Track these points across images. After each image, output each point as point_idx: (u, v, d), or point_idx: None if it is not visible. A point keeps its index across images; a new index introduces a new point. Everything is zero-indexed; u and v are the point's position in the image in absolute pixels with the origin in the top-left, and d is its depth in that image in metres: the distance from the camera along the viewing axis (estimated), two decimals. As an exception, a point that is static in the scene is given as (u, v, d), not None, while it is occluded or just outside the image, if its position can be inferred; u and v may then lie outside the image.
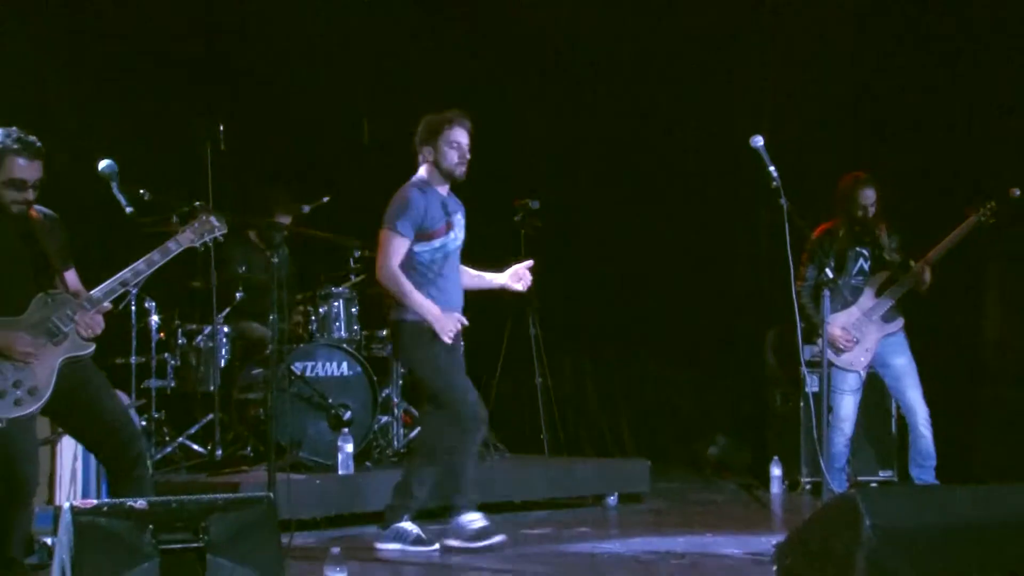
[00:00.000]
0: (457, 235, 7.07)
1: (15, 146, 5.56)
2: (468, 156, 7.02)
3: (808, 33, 10.23)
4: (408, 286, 6.84)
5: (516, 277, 7.26)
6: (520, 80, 10.53)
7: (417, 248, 6.91)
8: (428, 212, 6.93)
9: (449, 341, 6.85)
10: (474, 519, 6.88)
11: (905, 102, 9.85)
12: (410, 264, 6.90)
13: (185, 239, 5.92)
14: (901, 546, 5.17)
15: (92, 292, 5.71)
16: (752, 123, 7.33)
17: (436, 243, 6.95)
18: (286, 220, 8.92)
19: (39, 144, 5.63)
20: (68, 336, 5.61)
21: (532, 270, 9.16)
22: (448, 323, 6.83)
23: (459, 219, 7.12)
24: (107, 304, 5.73)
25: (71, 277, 5.80)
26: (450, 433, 6.90)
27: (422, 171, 7.07)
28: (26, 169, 5.57)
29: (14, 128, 5.63)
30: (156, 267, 5.85)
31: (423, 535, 6.89)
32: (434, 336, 6.85)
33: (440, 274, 6.98)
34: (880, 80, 9.93)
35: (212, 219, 6.02)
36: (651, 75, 10.46)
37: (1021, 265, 9.54)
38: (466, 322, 6.96)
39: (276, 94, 10.22)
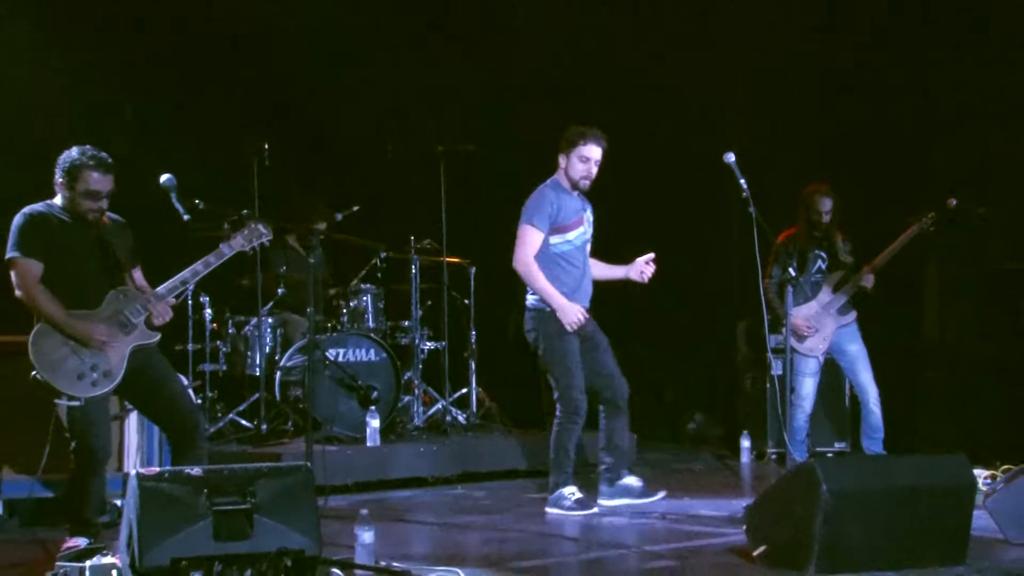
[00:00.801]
0: (587, 230, 6.99)
1: (91, 162, 5.60)
2: (595, 171, 6.90)
3: (774, 61, 10.22)
4: (539, 276, 6.80)
5: (637, 271, 7.09)
6: (521, 104, 10.54)
7: (553, 240, 6.85)
8: (562, 209, 6.85)
9: (571, 329, 6.77)
10: (571, 491, 6.87)
11: (859, 123, 9.85)
12: (546, 255, 6.85)
13: (236, 244, 5.95)
14: (852, 507, 5.21)
15: (158, 288, 5.75)
16: (725, 141, 7.34)
17: (570, 236, 6.89)
18: (321, 227, 8.96)
19: (110, 160, 5.67)
20: (137, 327, 5.65)
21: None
22: (571, 313, 6.76)
23: (589, 216, 7.02)
24: (171, 299, 5.78)
25: (137, 275, 5.83)
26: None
27: (557, 174, 6.97)
28: (100, 181, 5.61)
29: (88, 147, 5.66)
30: (212, 268, 5.90)
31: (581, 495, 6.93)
32: (554, 326, 6.80)
33: (572, 264, 6.91)
34: (837, 104, 9.93)
35: (260, 227, 6.04)
36: (638, 100, 10.46)
37: (955, 267, 9.58)
38: (587, 314, 6.85)
39: (313, 118, 10.25)
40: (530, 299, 6.97)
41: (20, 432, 6.44)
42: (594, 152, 6.87)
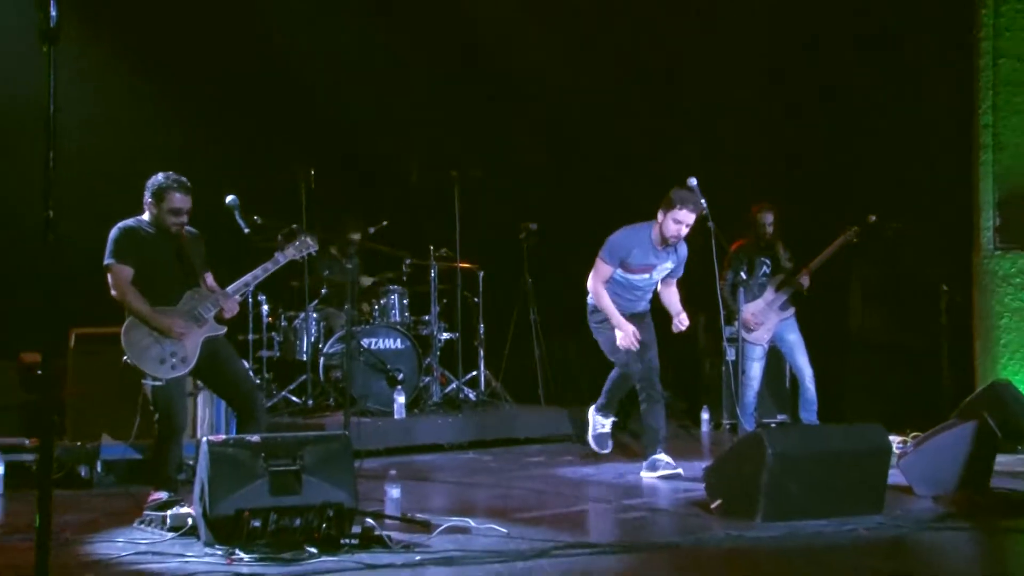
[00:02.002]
0: (652, 277, 6.72)
1: (174, 185, 5.61)
2: (685, 232, 6.55)
3: (729, 105, 10.24)
4: (605, 300, 6.64)
5: (679, 320, 6.77)
6: (519, 139, 10.55)
7: (619, 273, 6.68)
8: (634, 253, 6.61)
9: (622, 345, 6.60)
10: (662, 458, 6.71)
11: (797, 152, 9.89)
12: (613, 279, 6.70)
13: (289, 254, 5.95)
14: (792, 467, 5.24)
15: (226, 288, 5.77)
16: (688, 167, 7.37)
17: (633, 277, 6.68)
18: (357, 238, 8.96)
19: (189, 183, 5.69)
20: (208, 321, 5.66)
21: (531, 272, 9.23)
22: (626, 329, 6.59)
23: (665, 266, 6.71)
24: (237, 297, 5.79)
25: (209, 278, 5.83)
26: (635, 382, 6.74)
27: (654, 224, 6.65)
28: (182, 201, 5.62)
29: (171, 172, 5.68)
30: (269, 273, 5.92)
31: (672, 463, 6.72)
32: (604, 321, 6.68)
33: (629, 291, 6.72)
34: (779, 139, 9.95)
35: (308, 239, 6.05)
36: (617, 137, 10.47)
37: (874, 271, 9.62)
38: (638, 340, 6.62)
39: (351, 148, 10.26)
40: (589, 298, 6.83)
41: (116, 406, 6.46)
42: (688, 218, 6.51)
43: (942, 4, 9.11)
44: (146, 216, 5.70)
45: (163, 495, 5.48)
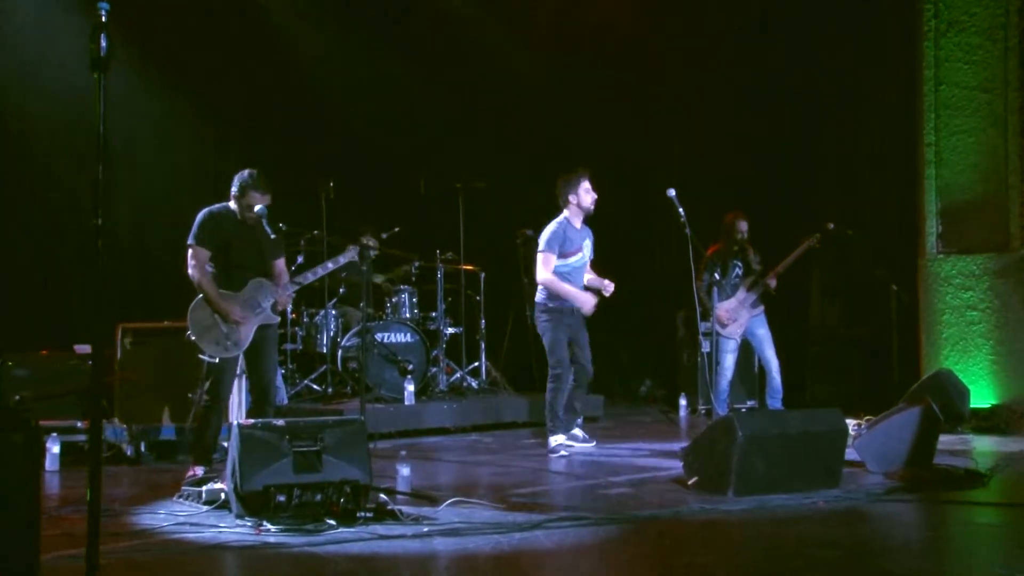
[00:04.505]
0: (584, 256, 6.87)
1: (253, 183, 5.60)
2: (595, 195, 6.82)
3: (705, 122, 10.27)
4: (560, 283, 6.72)
5: (606, 286, 6.90)
6: (519, 153, 10.56)
7: (557, 263, 6.76)
8: (567, 239, 6.74)
9: (587, 311, 6.72)
10: (557, 440, 6.86)
11: (766, 166, 9.91)
12: (557, 273, 6.77)
13: (347, 256, 5.99)
14: (759, 447, 5.26)
15: (287, 282, 5.77)
16: (668, 180, 7.40)
17: (570, 261, 6.78)
18: (371, 242, 8.95)
19: (269, 182, 5.65)
20: (265, 309, 5.65)
21: (527, 273, 9.22)
22: (587, 302, 6.72)
23: (587, 244, 6.90)
24: (291, 290, 5.79)
25: (280, 263, 5.81)
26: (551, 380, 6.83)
27: (566, 212, 6.80)
28: (260, 199, 5.61)
29: (255, 170, 5.64)
30: (328, 271, 5.98)
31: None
32: (552, 318, 6.74)
33: (570, 280, 6.81)
34: (750, 156, 9.98)
35: (369, 242, 6.07)
36: (604, 151, 10.47)
37: (831, 272, 9.65)
38: (593, 305, 6.74)
39: (366, 162, 10.28)
40: (538, 296, 6.87)
41: (156, 392, 6.53)
42: (590, 181, 6.78)
43: (892, 39, 9.20)
44: (232, 204, 5.68)
45: (200, 471, 5.52)
